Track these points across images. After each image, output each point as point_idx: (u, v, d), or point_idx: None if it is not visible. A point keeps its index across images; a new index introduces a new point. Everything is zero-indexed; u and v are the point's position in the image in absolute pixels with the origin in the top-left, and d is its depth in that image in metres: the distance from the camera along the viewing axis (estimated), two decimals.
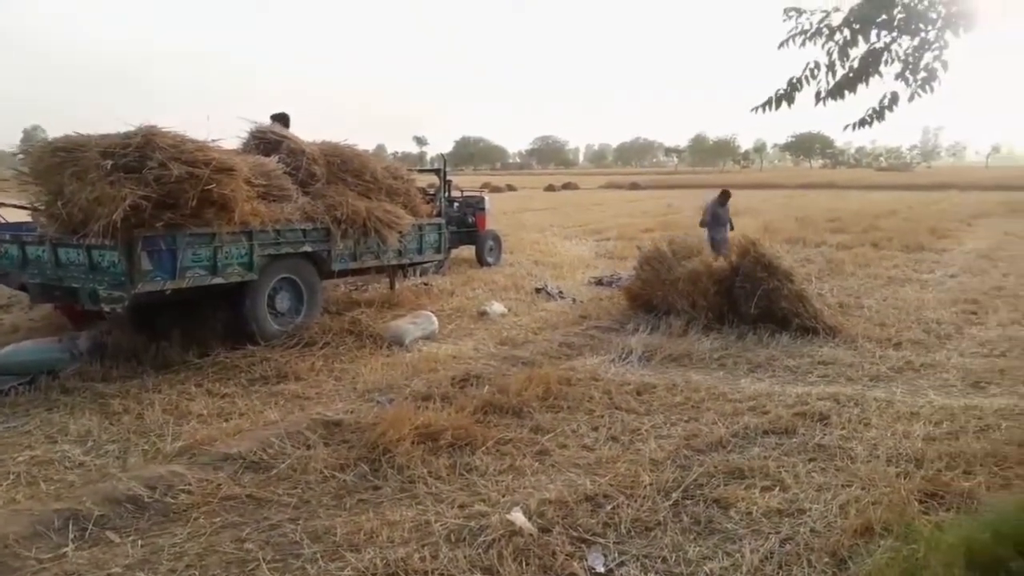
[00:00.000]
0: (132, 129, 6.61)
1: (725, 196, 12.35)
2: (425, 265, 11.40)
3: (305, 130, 8.95)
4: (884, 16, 3.90)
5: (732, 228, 12.17)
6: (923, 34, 3.92)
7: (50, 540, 3.81)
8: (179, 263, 6.76)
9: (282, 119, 9.37)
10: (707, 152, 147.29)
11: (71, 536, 3.85)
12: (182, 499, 4.26)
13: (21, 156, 7.52)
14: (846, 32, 3.98)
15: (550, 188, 53.74)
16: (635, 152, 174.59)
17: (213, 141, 7.15)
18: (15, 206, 8.17)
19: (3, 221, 8.44)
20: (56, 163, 6.65)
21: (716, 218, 12.11)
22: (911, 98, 4.09)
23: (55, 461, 4.80)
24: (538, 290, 10.91)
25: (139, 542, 3.82)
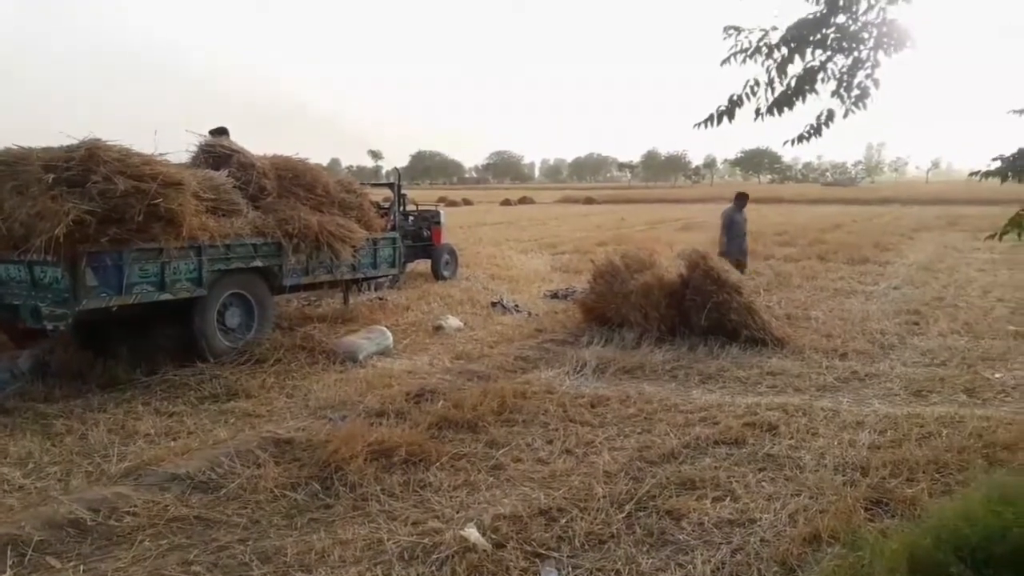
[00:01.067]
0: (75, 142, 6.47)
1: (743, 200, 11.59)
2: (380, 279, 11.32)
3: (255, 143, 8.86)
4: (819, 35, 4.03)
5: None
6: (856, 53, 4.06)
7: None
8: (126, 279, 6.61)
9: (221, 134, 9.23)
10: (659, 167, 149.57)
11: (9, 562, 3.72)
12: (127, 522, 4.15)
13: None
14: (784, 50, 4.10)
15: (506, 202, 53.91)
16: (589, 167, 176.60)
17: (160, 155, 7.04)
18: None
19: None
20: None
21: (734, 226, 11.41)
22: (845, 114, 4.23)
23: None
24: (494, 304, 10.92)
25: (81, 567, 3.70)
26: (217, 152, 8.40)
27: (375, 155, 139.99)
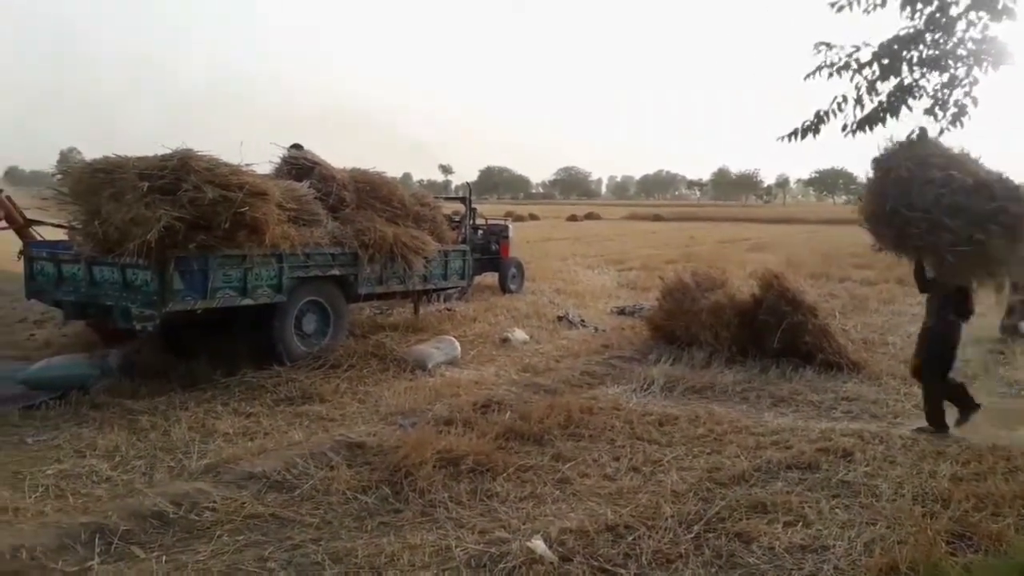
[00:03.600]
0: (169, 152, 6.78)
1: None
2: (448, 291, 11.48)
3: (331, 157, 9.13)
4: (913, 52, 3.94)
5: None
6: (952, 71, 3.95)
7: (76, 553, 3.87)
8: (210, 283, 6.89)
9: (296, 149, 9.52)
10: (730, 186, 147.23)
11: (97, 550, 3.91)
12: (206, 516, 4.32)
13: (60, 176, 7.71)
14: (875, 67, 4.02)
15: (573, 218, 53.89)
16: (658, 185, 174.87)
17: (247, 165, 7.31)
18: (53, 225, 8.37)
19: (40, 239, 8.63)
20: (95, 184, 6.80)
21: None
22: (940, 133, 4.12)
23: (83, 475, 4.87)
24: (560, 318, 10.93)
25: (163, 558, 3.86)
26: (299, 164, 8.69)
27: (445, 169, 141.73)
